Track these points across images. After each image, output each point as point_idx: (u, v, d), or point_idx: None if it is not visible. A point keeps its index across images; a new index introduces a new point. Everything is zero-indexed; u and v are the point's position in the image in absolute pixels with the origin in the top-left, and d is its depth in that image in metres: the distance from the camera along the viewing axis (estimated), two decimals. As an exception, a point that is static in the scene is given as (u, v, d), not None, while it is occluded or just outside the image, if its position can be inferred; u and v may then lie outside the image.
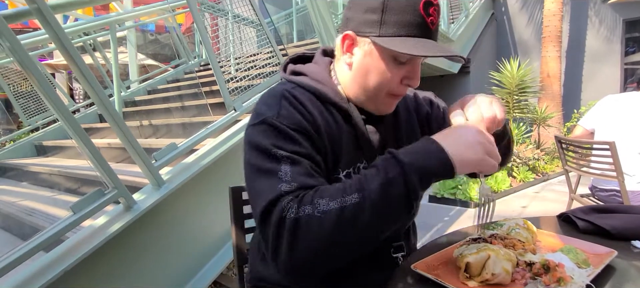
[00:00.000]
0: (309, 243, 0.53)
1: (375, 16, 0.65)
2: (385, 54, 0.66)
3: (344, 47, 0.71)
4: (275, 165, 0.60)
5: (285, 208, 0.55)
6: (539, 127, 5.34)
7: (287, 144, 0.62)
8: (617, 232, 0.72)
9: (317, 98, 0.71)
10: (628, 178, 1.96)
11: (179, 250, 1.65)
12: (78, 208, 1.31)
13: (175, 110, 3.14)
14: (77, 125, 1.32)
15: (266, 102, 0.70)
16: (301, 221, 0.53)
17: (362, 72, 0.69)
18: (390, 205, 0.54)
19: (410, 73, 0.68)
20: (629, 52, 6.52)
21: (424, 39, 0.64)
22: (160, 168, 1.59)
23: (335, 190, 0.56)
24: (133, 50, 4.21)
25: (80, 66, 1.34)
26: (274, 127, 0.63)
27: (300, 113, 0.66)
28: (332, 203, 0.54)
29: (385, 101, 0.71)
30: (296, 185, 0.57)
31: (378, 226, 0.55)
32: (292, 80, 0.75)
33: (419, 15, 0.63)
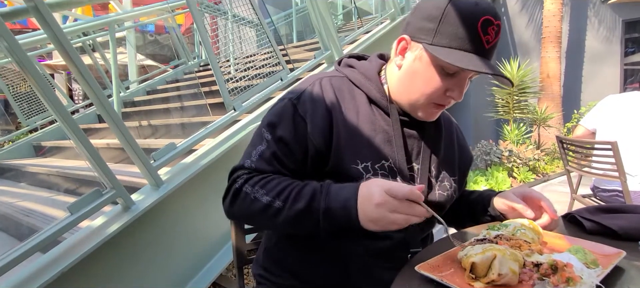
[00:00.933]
0: (239, 208, 0.70)
1: (432, 24, 0.67)
2: (434, 63, 0.68)
3: (398, 49, 0.73)
4: (258, 142, 0.73)
5: (239, 177, 0.71)
6: (539, 128, 5.34)
7: (279, 127, 0.72)
8: (624, 232, 0.71)
9: (362, 92, 0.76)
10: (630, 178, 1.95)
11: (178, 251, 1.63)
12: (75, 208, 1.29)
13: (174, 111, 3.13)
14: (75, 126, 1.31)
15: (301, 85, 0.78)
16: (241, 193, 0.69)
17: (409, 75, 0.72)
18: (300, 225, 0.66)
19: (456, 86, 0.69)
20: (629, 52, 6.52)
21: (474, 56, 0.65)
22: (159, 168, 1.58)
23: (273, 188, 0.67)
24: (132, 50, 4.20)
25: (79, 66, 1.33)
26: (284, 107, 0.73)
27: (316, 102, 0.72)
28: (264, 198, 0.66)
29: (426, 109, 0.72)
30: (254, 167, 0.71)
31: (285, 230, 0.75)
32: (341, 70, 0.81)
33: (475, 31, 0.64)
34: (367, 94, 0.76)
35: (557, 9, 5.83)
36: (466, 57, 0.64)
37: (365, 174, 0.70)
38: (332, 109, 0.72)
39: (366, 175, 0.70)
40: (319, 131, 0.70)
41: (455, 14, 0.65)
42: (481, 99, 6.18)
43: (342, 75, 0.79)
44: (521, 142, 4.98)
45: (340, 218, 0.62)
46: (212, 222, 1.77)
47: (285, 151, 0.71)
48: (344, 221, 0.62)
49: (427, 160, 0.77)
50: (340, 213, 0.62)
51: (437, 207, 0.78)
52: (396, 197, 0.58)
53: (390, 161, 0.72)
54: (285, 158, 0.71)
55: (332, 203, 0.63)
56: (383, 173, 0.71)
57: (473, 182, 3.78)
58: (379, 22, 3.54)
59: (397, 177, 0.73)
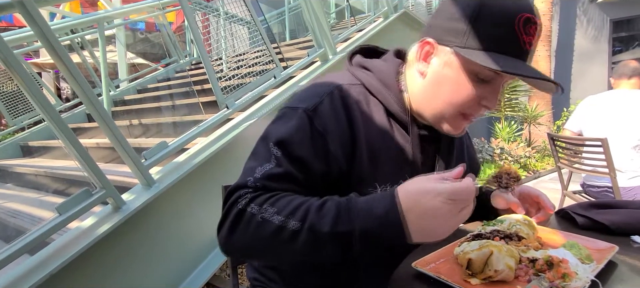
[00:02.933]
0: (242, 236, 0.56)
1: (463, 25, 0.59)
2: (466, 68, 0.60)
3: (421, 54, 0.65)
4: (263, 158, 0.61)
5: (241, 197, 0.57)
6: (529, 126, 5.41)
7: (293, 144, 0.60)
8: (616, 227, 0.71)
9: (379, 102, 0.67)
10: (620, 174, 1.98)
11: (170, 252, 1.61)
12: (64, 209, 1.26)
13: (165, 109, 3.09)
14: (63, 125, 1.28)
15: (314, 90, 0.66)
16: (245, 215, 0.56)
17: (436, 83, 0.63)
18: (321, 251, 0.53)
19: (490, 94, 0.61)
20: (616, 51, 6.65)
21: (514, 59, 0.57)
22: (150, 167, 1.55)
23: (286, 205, 0.55)
24: (122, 48, 4.13)
25: (68, 64, 1.30)
26: (298, 121, 0.62)
27: (337, 118, 0.62)
28: (275, 218, 0.54)
29: (456, 121, 0.65)
30: (260, 185, 0.59)
31: (302, 257, 0.56)
32: (356, 75, 0.70)
33: (514, 31, 0.56)
34: (385, 105, 0.67)
35: (546, 8, 5.91)
36: (506, 60, 0.56)
37: None
38: (353, 125, 0.63)
39: None
40: (342, 150, 0.62)
41: (491, 11, 0.57)
42: (473, 97, 6.24)
43: (358, 81, 0.69)
44: (512, 140, 5.05)
45: (382, 240, 0.51)
46: (205, 221, 1.75)
47: (301, 172, 0.60)
48: (385, 243, 0.51)
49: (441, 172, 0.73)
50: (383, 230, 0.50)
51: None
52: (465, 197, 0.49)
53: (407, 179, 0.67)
54: (300, 180, 0.60)
55: (368, 222, 0.51)
56: None
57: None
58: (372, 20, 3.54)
59: None
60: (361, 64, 0.72)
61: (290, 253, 0.55)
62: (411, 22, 3.95)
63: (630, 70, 2.09)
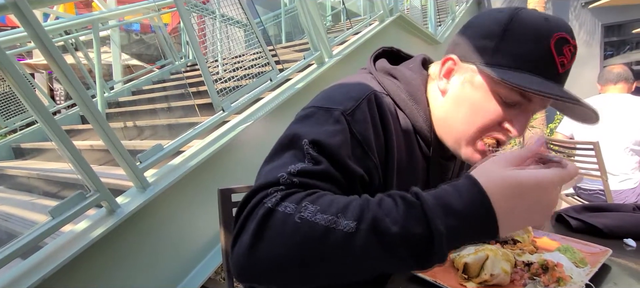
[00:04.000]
0: (272, 244, 0.41)
1: (490, 42, 0.54)
2: (491, 88, 0.54)
3: (443, 70, 0.61)
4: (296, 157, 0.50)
5: (269, 196, 0.44)
6: (523, 128, 5.47)
7: (330, 146, 0.50)
8: (609, 230, 0.73)
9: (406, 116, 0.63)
10: (611, 177, 2.01)
11: (165, 255, 1.59)
12: (57, 212, 1.25)
13: (161, 111, 3.07)
14: (57, 127, 1.26)
15: (347, 92, 0.58)
16: (276, 216, 0.42)
17: (455, 102, 0.59)
18: (388, 261, 0.40)
19: (516, 118, 0.55)
20: (608, 55, 6.75)
21: (546, 81, 0.51)
22: (145, 170, 1.54)
23: (333, 203, 0.43)
24: (117, 50, 4.10)
25: (61, 65, 1.28)
26: (338, 122, 0.53)
27: (375, 126, 0.56)
28: (319, 216, 0.41)
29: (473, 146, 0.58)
30: (297, 182, 0.46)
31: (354, 271, 0.41)
32: (383, 84, 0.64)
33: (548, 51, 0.51)
34: (413, 122, 0.63)
35: (540, 13, 5.99)
36: (537, 80, 0.50)
37: None
38: (388, 141, 0.58)
39: None
40: (376, 165, 0.56)
41: (522, 29, 0.52)
42: (468, 100, 6.29)
43: (385, 92, 0.63)
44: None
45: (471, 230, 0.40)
46: (201, 224, 1.74)
47: (342, 174, 0.51)
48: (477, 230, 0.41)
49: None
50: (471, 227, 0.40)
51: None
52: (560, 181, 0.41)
53: None
54: (341, 182, 0.51)
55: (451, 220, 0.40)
56: None
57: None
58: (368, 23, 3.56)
59: None
60: (388, 71, 0.67)
61: (341, 265, 0.41)
62: (406, 25, 3.97)
63: (614, 76, 2.12)
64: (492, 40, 0.54)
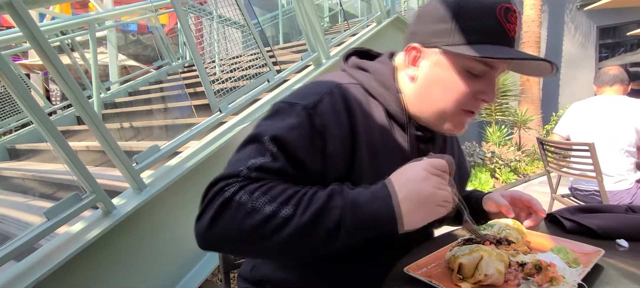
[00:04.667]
0: (226, 226, 0.52)
1: (446, 25, 0.60)
2: (457, 64, 0.61)
3: (409, 59, 0.66)
4: (257, 152, 0.57)
5: (229, 185, 0.54)
6: (519, 130, 5.49)
7: (291, 142, 0.57)
8: (602, 231, 0.73)
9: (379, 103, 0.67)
10: (606, 178, 2.03)
11: (162, 257, 1.59)
12: (52, 214, 1.24)
13: (157, 112, 3.06)
14: (52, 127, 1.26)
15: (313, 88, 0.65)
16: (232, 203, 0.52)
17: (428, 84, 0.64)
18: (311, 236, 0.51)
19: (486, 86, 0.61)
20: (603, 57, 6.81)
21: (501, 47, 0.58)
22: (142, 171, 1.54)
23: (279, 194, 0.53)
24: (113, 50, 4.09)
25: (57, 66, 1.28)
26: (297, 117, 0.59)
27: (338, 117, 0.61)
28: (267, 207, 0.51)
29: (456, 118, 0.64)
30: (254, 176, 0.55)
31: (287, 247, 0.52)
32: (354, 75, 0.70)
33: (496, 20, 0.58)
34: (385, 107, 0.67)
35: (536, 15, 6.03)
36: (494, 48, 0.58)
37: None
38: (355, 127, 0.62)
39: None
40: (342, 152, 0.60)
41: (470, 7, 0.59)
42: (464, 102, 6.32)
43: (356, 82, 0.69)
44: (503, 144, 5.12)
45: (371, 209, 0.51)
46: (197, 225, 1.74)
47: (298, 170, 0.58)
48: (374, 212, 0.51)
49: None
50: (370, 204, 0.51)
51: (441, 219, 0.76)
52: (441, 169, 0.52)
53: None
54: (295, 178, 0.58)
55: (360, 196, 0.52)
56: None
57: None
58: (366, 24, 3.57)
59: None
60: (358, 65, 0.72)
61: (279, 243, 0.51)
62: (403, 26, 3.99)
63: (610, 77, 2.13)
64: (448, 22, 0.60)
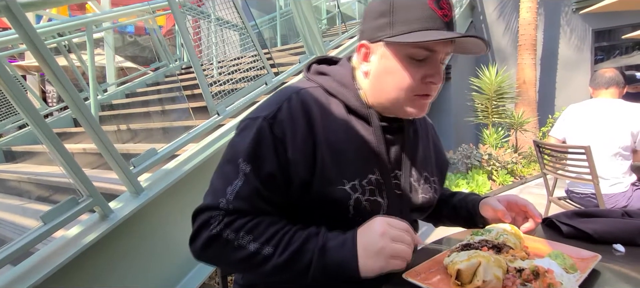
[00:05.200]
0: (215, 254, 0.64)
1: (385, 19, 0.65)
2: (400, 53, 0.66)
3: (361, 57, 0.71)
4: (233, 175, 0.64)
5: (214, 218, 0.62)
6: (516, 132, 5.52)
7: (259, 157, 0.64)
8: (599, 235, 0.74)
9: (339, 101, 0.71)
10: (602, 181, 2.04)
11: (159, 260, 1.58)
12: (49, 218, 1.23)
13: (155, 114, 3.05)
14: (48, 130, 1.25)
15: (272, 98, 0.70)
16: (221, 239, 0.61)
17: (380, 76, 0.68)
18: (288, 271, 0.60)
19: (431, 70, 0.66)
20: (598, 60, 6.86)
21: (437, 31, 0.63)
22: (139, 174, 1.53)
23: (263, 232, 0.61)
24: (110, 52, 4.07)
25: (53, 68, 1.27)
26: (258, 131, 0.65)
27: (296, 122, 0.65)
28: (251, 245, 0.60)
29: (413, 103, 0.68)
30: (232, 208, 0.62)
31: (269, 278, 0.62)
32: (313, 79, 0.75)
33: (429, 8, 0.63)
34: (345, 102, 0.71)
35: (532, 18, 6.07)
36: (428, 33, 0.62)
37: (353, 194, 0.66)
38: (313, 128, 0.66)
39: (354, 194, 0.67)
40: (302, 156, 0.64)
41: (403, 1, 0.64)
42: (461, 104, 6.35)
43: (316, 84, 0.73)
44: (500, 146, 5.14)
45: (336, 256, 0.59)
46: (195, 229, 1.73)
47: (270, 186, 0.64)
48: (339, 259, 0.58)
49: (408, 164, 0.76)
50: (337, 251, 0.59)
51: (421, 209, 0.78)
52: (397, 226, 0.59)
53: (376, 173, 0.70)
54: (269, 194, 0.64)
55: (330, 242, 0.60)
56: (371, 188, 0.68)
57: (454, 185, 3.87)
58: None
59: (383, 190, 0.70)
60: (318, 71, 0.77)
61: (262, 273, 0.61)
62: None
63: (606, 80, 2.14)
64: (387, 17, 0.65)
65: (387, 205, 0.71)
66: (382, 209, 0.70)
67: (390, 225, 0.59)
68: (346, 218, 0.67)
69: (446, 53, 0.67)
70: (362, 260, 0.57)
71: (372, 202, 0.69)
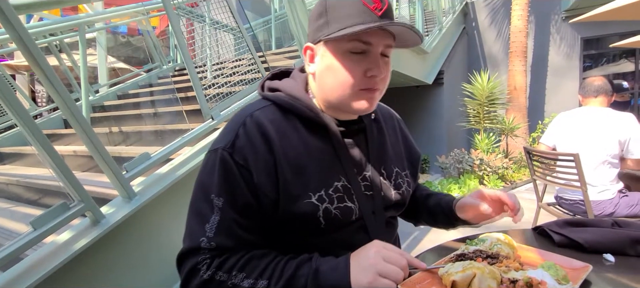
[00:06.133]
0: None
1: (322, 19, 0.68)
2: (339, 50, 0.67)
3: (307, 59, 0.73)
4: (208, 212, 0.64)
5: (200, 263, 0.62)
6: (507, 137, 5.60)
7: (228, 189, 0.64)
8: (589, 245, 0.75)
9: (293, 115, 0.71)
10: (590, 188, 2.08)
11: (152, 267, 1.56)
12: (39, 223, 1.21)
13: (147, 117, 3.02)
14: (37, 131, 1.22)
15: (228, 127, 0.70)
16: (213, 282, 0.61)
17: (323, 75, 0.70)
18: None
19: (371, 63, 0.66)
20: (586, 67, 7.01)
21: (370, 24, 0.63)
22: (132, 179, 1.51)
23: (255, 267, 0.61)
24: (103, 52, 4.02)
25: (44, 67, 1.25)
26: (222, 163, 0.65)
27: (254, 145, 0.66)
28: (245, 282, 0.60)
29: (358, 98, 0.68)
30: (214, 245, 0.62)
31: None
32: (267, 96, 0.75)
33: (361, 4, 0.64)
34: (299, 115, 0.71)
35: (523, 25, 6.17)
36: (361, 27, 0.63)
37: (321, 205, 0.67)
38: (271, 148, 0.66)
39: (322, 205, 0.67)
40: (266, 178, 0.65)
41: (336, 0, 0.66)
42: (454, 110, 6.42)
43: (269, 103, 0.73)
44: (491, 151, 5.20)
45: (330, 277, 0.59)
46: (188, 234, 1.71)
47: (246, 214, 0.65)
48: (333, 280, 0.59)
49: (376, 163, 0.76)
50: (330, 273, 0.59)
51: (396, 206, 0.79)
52: (392, 249, 0.60)
53: (342, 179, 0.70)
54: (247, 222, 0.65)
55: (323, 265, 0.61)
56: (339, 196, 0.69)
57: (446, 189, 3.90)
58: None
59: (352, 194, 0.71)
60: (270, 87, 0.77)
61: None
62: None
63: (594, 89, 2.19)
64: (323, 17, 0.68)
65: (359, 208, 0.71)
66: (354, 213, 0.71)
67: (384, 247, 0.61)
68: (319, 229, 0.68)
69: (385, 45, 0.67)
70: (353, 275, 0.58)
71: (342, 209, 0.69)
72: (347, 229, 0.71)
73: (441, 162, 4.96)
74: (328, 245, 0.69)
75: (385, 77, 0.69)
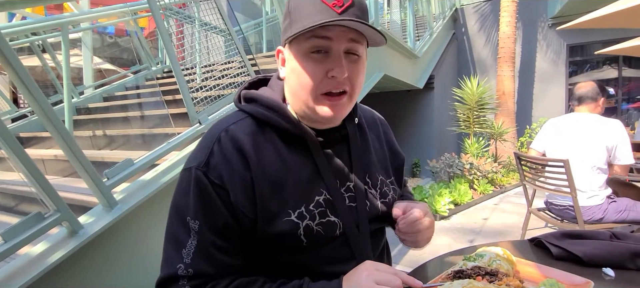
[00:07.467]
0: None
1: (287, 21, 0.66)
2: (300, 51, 0.64)
3: (279, 63, 0.71)
4: (184, 236, 0.61)
5: None
6: (496, 142, 5.65)
7: (204, 210, 0.61)
8: (588, 258, 0.73)
9: (270, 128, 0.68)
10: (579, 194, 2.09)
11: (135, 280, 1.49)
12: (11, 235, 1.13)
13: (133, 120, 2.93)
14: (7, 133, 1.14)
15: (202, 143, 0.66)
16: None
17: (289, 78, 0.67)
18: None
19: (333, 63, 0.62)
20: (572, 73, 7.17)
21: (326, 20, 0.60)
22: (113, 187, 1.44)
23: None
24: (88, 52, 3.91)
25: (17, 68, 1.18)
26: (196, 183, 0.61)
27: (230, 162, 0.62)
28: None
29: (322, 103, 0.64)
30: (192, 272, 0.59)
31: None
32: (243, 109, 0.71)
33: (319, 2, 0.61)
34: (276, 127, 0.67)
35: (511, 31, 6.28)
36: (315, 23, 0.60)
37: (301, 222, 0.63)
38: (248, 164, 0.62)
39: (302, 222, 0.63)
40: (243, 196, 0.61)
41: (298, 1, 0.64)
42: (444, 114, 6.47)
43: (245, 115, 0.69)
44: (480, 155, 5.24)
45: None
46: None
47: (224, 235, 0.61)
48: None
49: (360, 172, 0.72)
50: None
51: (383, 217, 0.75)
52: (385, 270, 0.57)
53: (324, 193, 0.67)
54: (226, 244, 0.62)
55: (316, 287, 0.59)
56: (321, 210, 0.65)
57: (438, 193, 3.90)
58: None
59: (335, 208, 0.67)
60: (247, 98, 0.72)
61: None
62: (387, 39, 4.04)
63: (578, 96, 2.22)
64: (287, 19, 0.65)
65: (342, 222, 0.67)
66: (338, 228, 0.67)
67: (377, 269, 0.58)
68: (301, 248, 0.64)
69: (349, 40, 0.63)
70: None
71: (325, 224, 0.65)
72: (330, 245, 0.67)
73: (432, 166, 4.97)
74: (311, 262, 0.66)
75: (351, 77, 0.64)
